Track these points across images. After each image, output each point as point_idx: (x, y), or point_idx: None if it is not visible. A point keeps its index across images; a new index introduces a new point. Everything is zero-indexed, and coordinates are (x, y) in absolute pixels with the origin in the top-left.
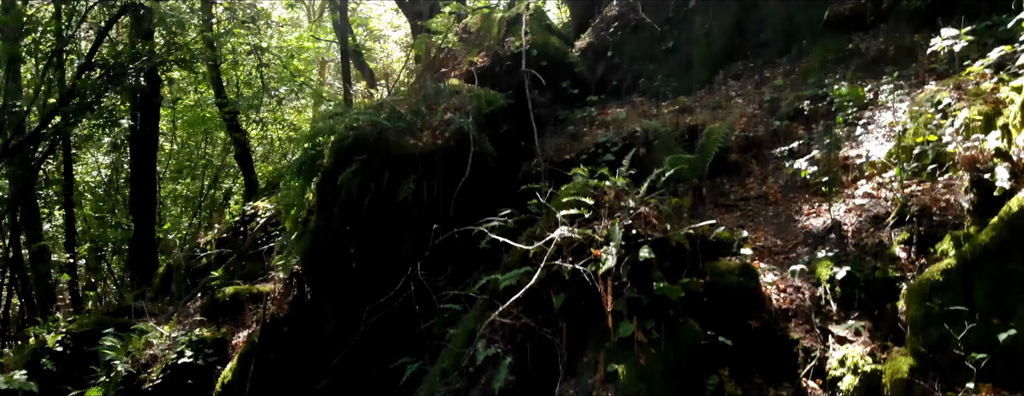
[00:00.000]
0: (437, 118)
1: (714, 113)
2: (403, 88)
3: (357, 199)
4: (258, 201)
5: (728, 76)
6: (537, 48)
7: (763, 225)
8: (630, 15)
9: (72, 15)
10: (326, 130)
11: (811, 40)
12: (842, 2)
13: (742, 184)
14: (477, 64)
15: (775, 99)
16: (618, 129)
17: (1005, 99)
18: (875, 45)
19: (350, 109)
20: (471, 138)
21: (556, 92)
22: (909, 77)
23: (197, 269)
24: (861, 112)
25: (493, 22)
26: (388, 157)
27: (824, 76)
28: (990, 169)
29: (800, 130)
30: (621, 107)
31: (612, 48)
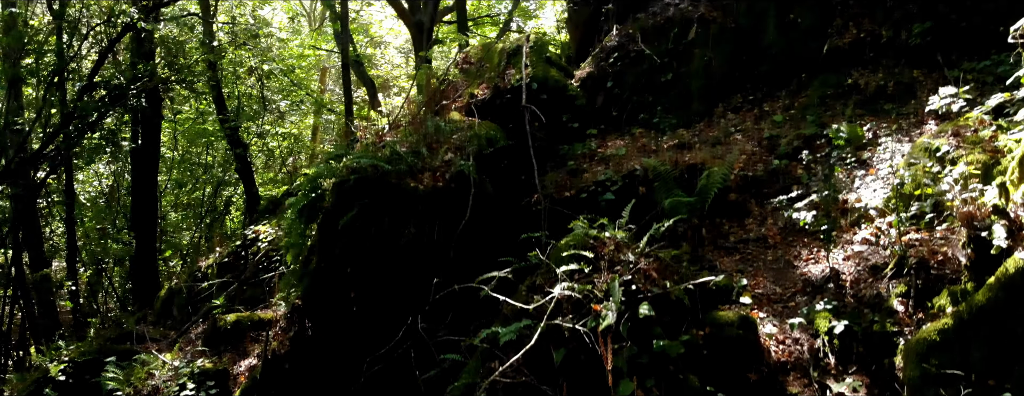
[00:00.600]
0: (438, 159)
1: (713, 150)
2: (404, 121)
3: (358, 242)
4: (260, 225)
5: (727, 109)
6: (537, 81)
7: (762, 270)
8: (630, 46)
9: (73, 34)
10: (327, 173)
11: (810, 73)
12: (841, 36)
13: (741, 225)
14: (477, 96)
15: (774, 136)
16: (618, 166)
17: (1003, 148)
18: (874, 80)
19: (351, 149)
20: (472, 180)
21: (556, 125)
22: (908, 116)
23: (198, 293)
24: (860, 152)
25: (493, 52)
26: (389, 200)
27: (823, 112)
28: (987, 227)
29: (799, 170)
30: (621, 138)
31: (612, 78)
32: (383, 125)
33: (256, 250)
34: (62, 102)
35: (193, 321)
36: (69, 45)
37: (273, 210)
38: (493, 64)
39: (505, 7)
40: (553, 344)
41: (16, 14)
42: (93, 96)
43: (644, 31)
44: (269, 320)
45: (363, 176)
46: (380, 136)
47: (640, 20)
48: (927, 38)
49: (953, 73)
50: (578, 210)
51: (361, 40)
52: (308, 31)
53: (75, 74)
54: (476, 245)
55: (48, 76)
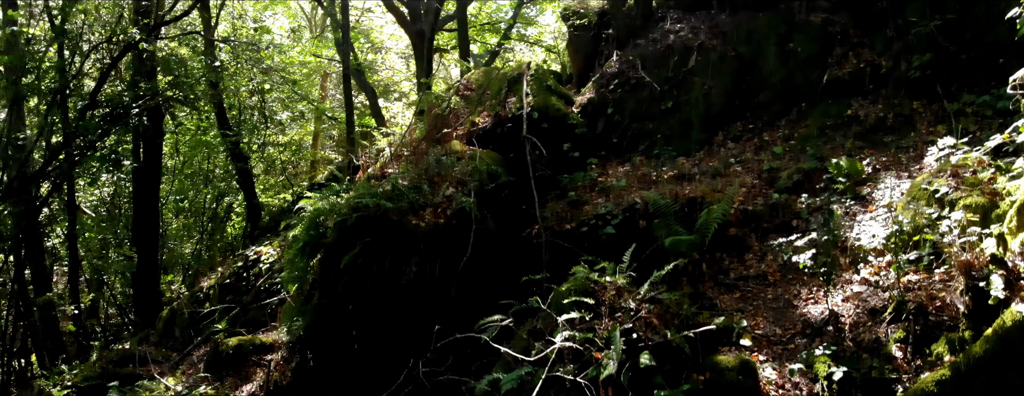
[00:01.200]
0: (440, 194)
1: (713, 182)
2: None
3: (360, 280)
4: (262, 246)
5: (727, 138)
6: (538, 110)
7: (762, 309)
8: (630, 73)
9: (75, 51)
10: (329, 210)
11: (810, 103)
12: (841, 66)
13: (741, 261)
14: (478, 125)
15: (774, 169)
16: (618, 198)
17: (1002, 190)
18: (874, 112)
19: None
20: (473, 217)
21: (557, 154)
22: (908, 149)
23: (200, 314)
24: (859, 188)
25: (494, 79)
26: (391, 238)
27: (823, 144)
28: (985, 276)
29: (799, 204)
30: (622, 166)
31: (612, 105)
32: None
33: (258, 271)
34: (64, 120)
35: (195, 344)
36: (70, 62)
37: (275, 227)
38: (494, 91)
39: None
40: (555, 392)
41: (18, 33)
42: (95, 114)
43: (644, 58)
44: (271, 344)
45: (365, 214)
46: (382, 167)
47: (640, 47)
48: (927, 71)
49: (952, 106)
50: (579, 243)
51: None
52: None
53: (77, 92)
54: (477, 282)
55: (50, 94)
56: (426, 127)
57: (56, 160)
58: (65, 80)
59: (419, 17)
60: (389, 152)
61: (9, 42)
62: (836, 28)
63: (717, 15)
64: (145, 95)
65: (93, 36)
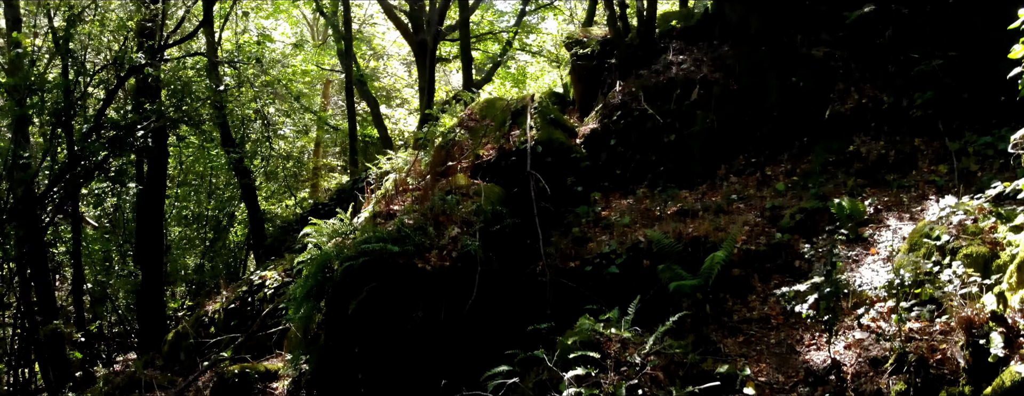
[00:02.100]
0: (445, 236)
1: (716, 220)
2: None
3: (366, 323)
4: (267, 270)
5: (730, 171)
6: (542, 143)
7: (765, 355)
8: (633, 105)
9: (80, 73)
10: (335, 255)
11: (812, 137)
12: (843, 101)
13: (744, 302)
14: (483, 157)
15: (777, 207)
16: (621, 236)
17: (1002, 240)
18: (876, 148)
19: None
20: (478, 259)
21: (561, 188)
22: (909, 189)
23: (205, 337)
24: (861, 229)
25: (498, 110)
26: (397, 283)
27: (825, 181)
28: (985, 334)
29: (802, 244)
30: (625, 198)
31: (615, 136)
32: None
33: (263, 296)
34: (69, 141)
35: (201, 371)
36: (75, 83)
37: (279, 246)
38: (497, 123)
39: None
40: None
41: (22, 54)
42: (100, 136)
43: (647, 90)
44: (276, 372)
45: (371, 258)
46: (387, 203)
47: (643, 77)
48: (928, 110)
49: (954, 145)
50: (583, 282)
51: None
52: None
53: (81, 114)
54: (483, 325)
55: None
56: (431, 159)
57: (61, 181)
58: (70, 101)
59: (421, 28)
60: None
61: (13, 64)
62: (838, 63)
63: (719, 46)
64: (149, 117)
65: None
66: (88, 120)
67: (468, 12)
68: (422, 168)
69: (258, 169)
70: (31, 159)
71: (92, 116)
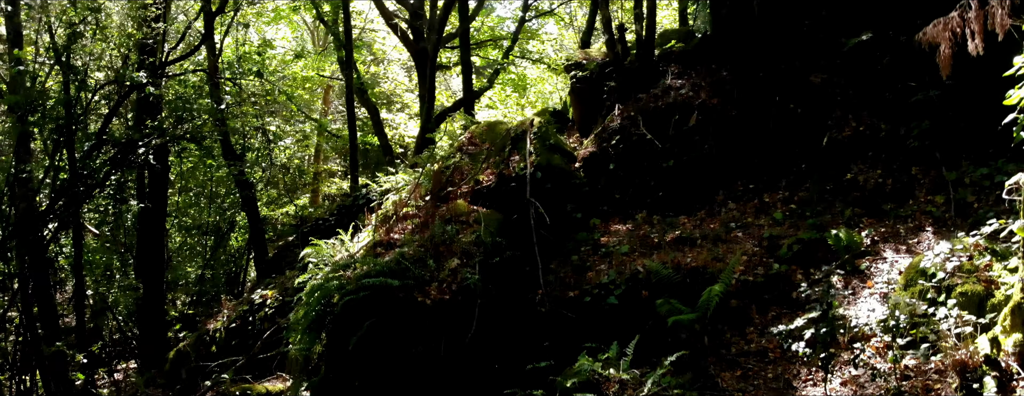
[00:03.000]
0: (445, 269)
1: (714, 248)
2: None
3: (367, 357)
4: (267, 289)
5: (728, 197)
6: (541, 169)
7: (762, 390)
8: (632, 129)
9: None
10: (335, 288)
11: (810, 164)
12: (840, 129)
13: (742, 334)
14: (482, 183)
15: (774, 236)
16: (620, 266)
17: (997, 278)
18: (873, 177)
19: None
20: (478, 291)
21: (560, 214)
22: (906, 219)
23: (207, 356)
24: (859, 261)
25: (498, 134)
26: (397, 317)
27: (823, 210)
28: (979, 377)
29: (798, 274)
30: (624, 224)
31: (614, 161)
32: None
33: (263, 315)
34: (71, 158)
35: (203, 392)
36: (77, 99)
37: (279, 262)
38: (497, 148)
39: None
40: None
41: (24, 72)
42: (101, 154)
43: (645, 114)
44: (277, 394)
45: (371, 293)
46: (388, 231)
47: (642, 101)
48: (925, 140)
49: (951, 175)
50: (582, 313)
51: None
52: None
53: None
54: (482, 358)
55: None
56: (431, 184)
57: (63, 198)
58: (71, 116)
59: (421, 36)
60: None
61: (15, 80)
62: (836, 89)
63: (718, 71)
64: (151, 134)
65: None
66: (90, 137)
67: (468, 21)
68: (422, 193)
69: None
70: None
71: (94, 133)
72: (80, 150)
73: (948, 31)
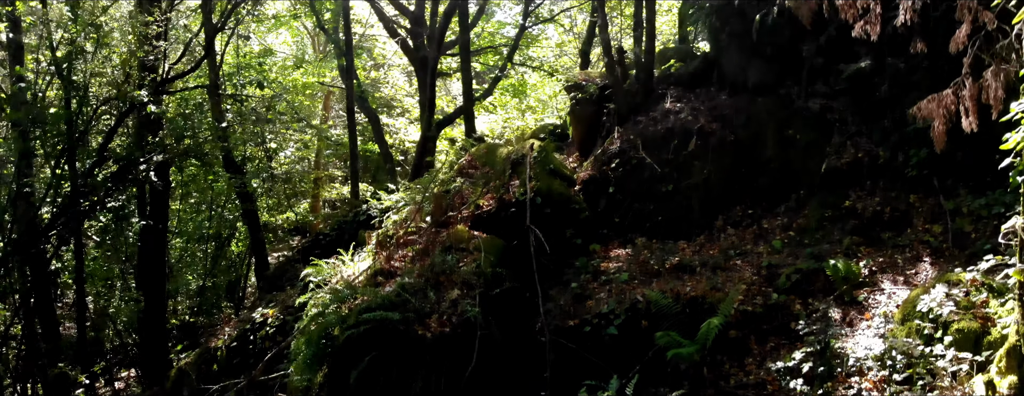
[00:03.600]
0: (446, 300)
1: (714, 277)
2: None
3: (366, 391)
4: (268, 308)
5: (727, 222)
6: (541, 194)
7: None
8: (631, 153)
9: (83, 103)
10: (336, 322)
11: (809, 191)
12: (839, 155)
13: (741, 365)
14: (483, 208)
15: (773, 265)
16: (620, 294)
17: (993, 316)
18: (871, 205)
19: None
20: (478, 324)
21: (560, 240)
22: (904, 249)
23: (208, 375)
24: (857, 292)
25: (498, 158)
26: (397, 350)
27: (821, 238)
28: None
29: (797, 306)
30: (623, 248)
31: (614, 184)
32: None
33: (264, 334)
34: (72, 175)
35: None
36: (79, 115)
37: (280, 278)
38: (497, 171)
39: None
40: None
41: (25, 88)
42: (102, 171)
43: (645, 138)
44: None
45: (372, 326)
46: (388, 258)
47: (641, 125)
48: (924, 169)
49: (949, 204)
50: (582, 343)
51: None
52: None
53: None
54: (483, 390)
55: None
56: (432, 209)
57: (65, 215)
58: (73, 134)
59: (422, 44)
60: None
61: (16, 97)
62: (835, 115)
63: (717, 95)
64: (152, 151)
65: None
66: (90, 154)
67: (468, 30)
68: (422, 217)
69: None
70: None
71: (95, 149)
72: (82, 165)
73: (942, 108)
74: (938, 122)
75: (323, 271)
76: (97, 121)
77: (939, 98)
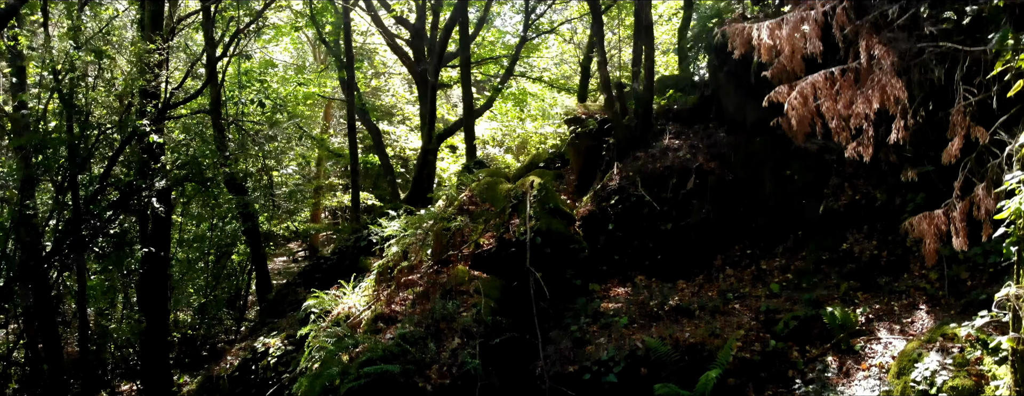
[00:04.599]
0: (446, 349)
1: (712, 322)
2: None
3: None
4: (269, 338)
5: (726, 262)
6: (541, 234)
7: None
8: (630, 190)
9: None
10: (337, 373)
11: (806, 232)
12: (837, 197)
13: None
14: (483, 247)
15: (771, 310)
16: (619, 341)
17: (987, 373)
18: (868, 248)
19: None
20: (478, 376)
21: (560, 281)
22: (901, 295)
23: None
24: (854, 340)
25: (499, 194)
26: None
27: (819, 281)
28: None
29: (795, 353)
30: (622, 286)
31: (613, 221)
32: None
33: (266, 364)
34: (75, 200)
35: None
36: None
37: (281, 302)
38: (498, 208)
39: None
40: None
41: (27, 115)
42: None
43: (644, 175)
44: None
45: (373, 379)
46: (389, 300)
47: (640, 161)
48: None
49: (945, 251)
50: (582, 391)
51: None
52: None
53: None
54: None
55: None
56: (432, 246)
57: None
58: (75, 160)
59: (422, 57)
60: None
61: (18, 123)
62: (833, 156)
63: (715, 132)
64: (154, 177)
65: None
66: (94, 181)
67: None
68: (423, 255)
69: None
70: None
71: (98, 176)
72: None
73: (933, 227)
74: (929, 240)
75: (325, 303)
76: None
77: (931, 217)
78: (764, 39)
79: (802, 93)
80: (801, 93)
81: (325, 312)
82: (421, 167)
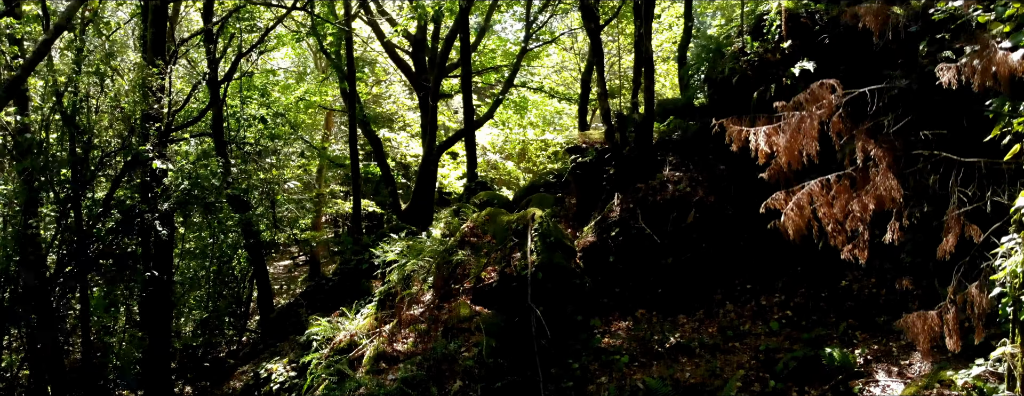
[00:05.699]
0: (449, 393)
1: (713, 361)
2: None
3: None
4: (272, 364)
5: (726, 297)
6: (542, 269)
7: None
8: (631, 222)
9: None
10: None
11: (805, 267)
12: None
13: None
14: (485, 281)
15: (771, 350)
16: (620, 380)
17: None
18: (867, 286)
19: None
20: None
21: (561, 317)
22: (899, 335)
23: None
24: (853, 382)
25: (500, 226)
26: None
27: (818, 321)
28: None
29: (794, 394)
30: (623, 320)
31: (614, 253)
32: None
33: (268, 390)
34: (78, 222)
35: None
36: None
37: (283, 322)
38: (499, 240)
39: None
40: None
41: (29, 138)
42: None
43: (644, 207)
44: None
45: None
46: (391, 338)
47: (641, 192)
48: (917, 258)
49: (943, 291)
50: None
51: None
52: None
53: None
54: None
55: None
56: (433, 280)
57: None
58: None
59: (424, 69)
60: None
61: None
62: None
63: (714, 164)
64: (157, 200)
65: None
66: (97, 203)
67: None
68: (425, 289)
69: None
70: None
71: (101, 199)
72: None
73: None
74: (923, 339)
75: (327, 331)
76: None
77: (924, 318)
78: (761, 146)
79: (799, 203)
80: (797, 203)
81: (327, 339)
82: (422, 178)
